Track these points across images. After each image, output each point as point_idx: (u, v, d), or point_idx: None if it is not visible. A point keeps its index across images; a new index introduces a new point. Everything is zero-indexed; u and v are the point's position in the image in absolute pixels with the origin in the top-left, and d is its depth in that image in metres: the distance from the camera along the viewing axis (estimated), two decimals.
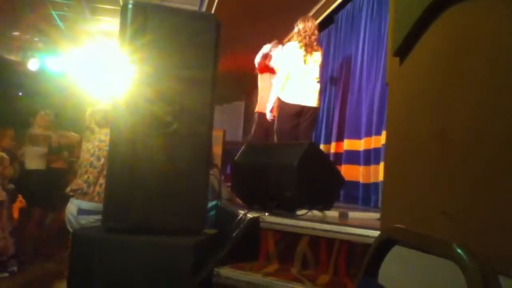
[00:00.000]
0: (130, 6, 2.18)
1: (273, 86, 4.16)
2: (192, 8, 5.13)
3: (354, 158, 4.00)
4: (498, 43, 1.07)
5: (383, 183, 1.67)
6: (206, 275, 2.07)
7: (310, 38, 3.96)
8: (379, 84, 3.66)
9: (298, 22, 4.03)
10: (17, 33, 6.93)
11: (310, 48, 3.96)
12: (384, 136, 3.23)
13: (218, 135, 6.35)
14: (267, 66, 4.67)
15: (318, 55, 4.04)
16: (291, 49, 3.98)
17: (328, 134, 4.74)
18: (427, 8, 1.31)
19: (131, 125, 2.15)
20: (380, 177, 3.32)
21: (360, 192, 3.78)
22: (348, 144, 4.13)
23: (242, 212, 2.43)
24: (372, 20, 4.07)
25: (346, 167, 4.05)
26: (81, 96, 6.55)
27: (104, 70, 6.58)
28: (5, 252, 4.23)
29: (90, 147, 2.95)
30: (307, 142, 2.75)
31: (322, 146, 4.72)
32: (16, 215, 4.59)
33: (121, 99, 2.18)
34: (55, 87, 7.16)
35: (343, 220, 2.48)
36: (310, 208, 2.46)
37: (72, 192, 2.91)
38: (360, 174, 3.84)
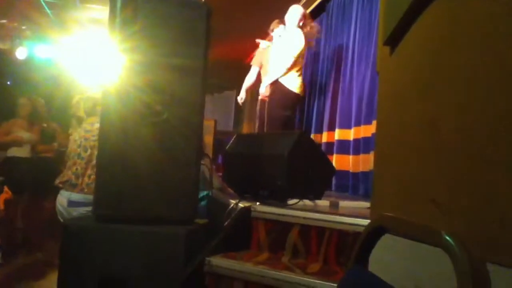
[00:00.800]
0: None
1: (276, 64, 4.01)
2: None
3: (345, 147, 4.01)
4: (486, 30, 1.07)
5: (373, 172, 1.68)
6: (197, 264, 2.08)
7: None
8: (369, 72, 3.65)
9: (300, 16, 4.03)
10: (4, 21, 6.81)
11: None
12: (374, 126, 3.23)
13: (210, 124, 6.33)
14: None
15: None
16: (303, 38, 3.98)
17: (319, 123, 4.74)
18: None
19: (121, 114, 2.14)
20: (370, 166, 3.34)
21: (350, 181, 3.80)
22: (340, 134, 4.13)
23: (234, 201, 2.44)
24: (363, 9, 4.05)
25: (337, 157, 4.06)
26: (70, 85, 6.48)
27: (93, 58, 6.50)
28: None
29: (76, 138, 2.93)
30: (298, 131, 2.76)
31: (314, 136, 4.72)
32: (1, 205, 4.53)
33: (111, 88, 2.16)
34: (44, 75, 7.07)
35: (334, 209, 2.50)
36: (301, 198, 2.48)
37: (61, 184, 2.90)
38: (349, 163, 3.86)
